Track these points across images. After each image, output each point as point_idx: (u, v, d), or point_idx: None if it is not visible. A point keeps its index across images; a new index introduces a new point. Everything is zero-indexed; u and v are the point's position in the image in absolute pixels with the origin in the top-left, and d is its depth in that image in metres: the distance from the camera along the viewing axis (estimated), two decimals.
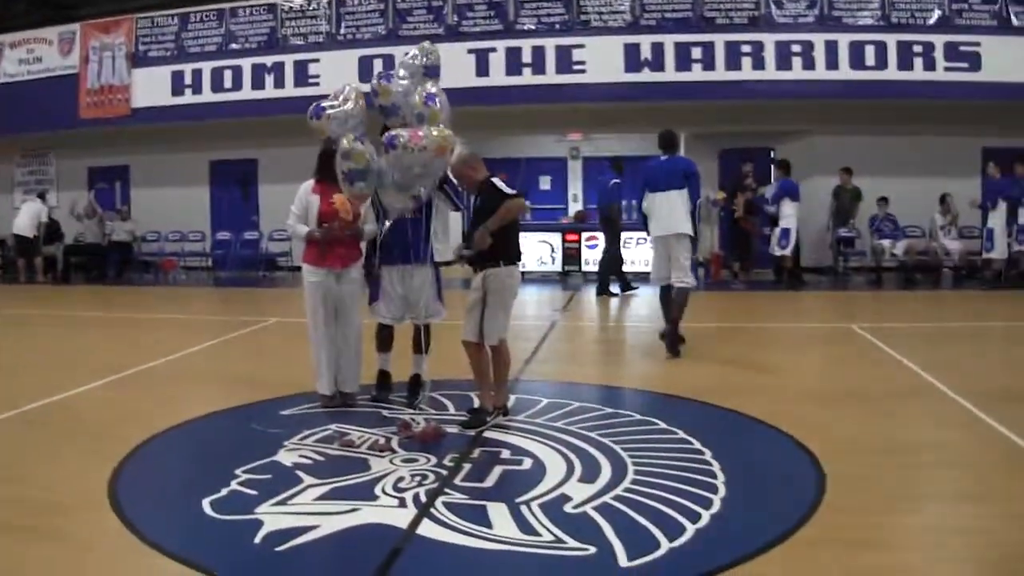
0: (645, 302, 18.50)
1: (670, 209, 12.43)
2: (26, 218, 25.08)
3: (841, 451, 7.53)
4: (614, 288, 19.73)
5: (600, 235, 21.12)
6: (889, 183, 22.23)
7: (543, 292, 21.20)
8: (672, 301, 12.47)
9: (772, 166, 22.56)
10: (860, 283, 22.08)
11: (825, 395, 10.07)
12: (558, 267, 23.37)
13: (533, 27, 22.67)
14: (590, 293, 20.46)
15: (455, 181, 9.14)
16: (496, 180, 8.67)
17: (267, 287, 23.61)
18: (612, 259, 19.97)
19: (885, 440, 8.08)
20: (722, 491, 6.51)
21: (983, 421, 8.58)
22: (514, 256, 8.69)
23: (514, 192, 8.58)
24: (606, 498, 6.37)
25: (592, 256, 22.79)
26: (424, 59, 9.00)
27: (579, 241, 23.11)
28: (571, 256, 23.20)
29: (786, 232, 20.63)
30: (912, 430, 8.56)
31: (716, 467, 7.04)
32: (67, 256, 26.93)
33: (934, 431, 8.46)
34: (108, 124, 25.75)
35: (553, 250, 23.25)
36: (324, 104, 8.67)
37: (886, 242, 21.91)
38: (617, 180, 19.95)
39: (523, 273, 19.74)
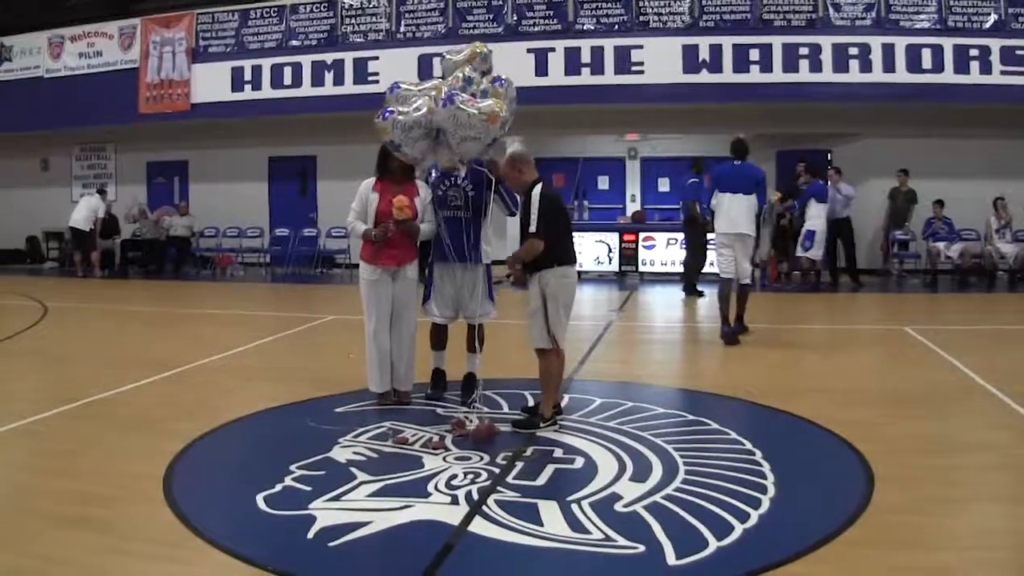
0: (704, 303, 18.64)
1: (737, 210, 13.68)
2: (83, 211, 25.27)
3: (890, 452, 7.62)
4: (701, 287, 19.78)
5: (680, 235, 21.52)
6: (944, 186, 22.29)
7: (600, 292, 21.29)
8: (737, 297, 14.01)
9: (829, 169, 22.57)
10: (915, 285, 22.08)
11: (876, 396, 10.16)
12: (615, 267, 23.47)
13: (592, 27, 22.73)
14: (647, 293, 20.64)
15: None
16: (536, 191, 8.53)
17: (324, 284, 23.75)
18: (695, 260, 20.12)
19: (934, 442, 8.20)
20: (771, 491, 6.61)
21: None
22: (568, 257, 8.63)
23: (532, 228, 8.40)
24: (656, 497, 6.47)
25: (649, 256, 23.02)
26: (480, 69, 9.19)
27: (636, 241, 23.19)
28: (628, 256, 23.27)
29: (811, 234, 20.62)
30: (961, 432, 8.64)
31: (766, 468, 7.13)
32: (124, 250, 27.27)
33: (983, 433, 8.54)
34: (167, 119, 25.90)
35: (610, 250, 23.30)
36: (392, 108, 8.80)
37: (941, 244, 21.93)
38: (695, 179, 20.07)
39: (580, 273, 19.97)
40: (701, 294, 19.49)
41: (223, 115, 25.33)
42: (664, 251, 23.07)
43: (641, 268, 23.34)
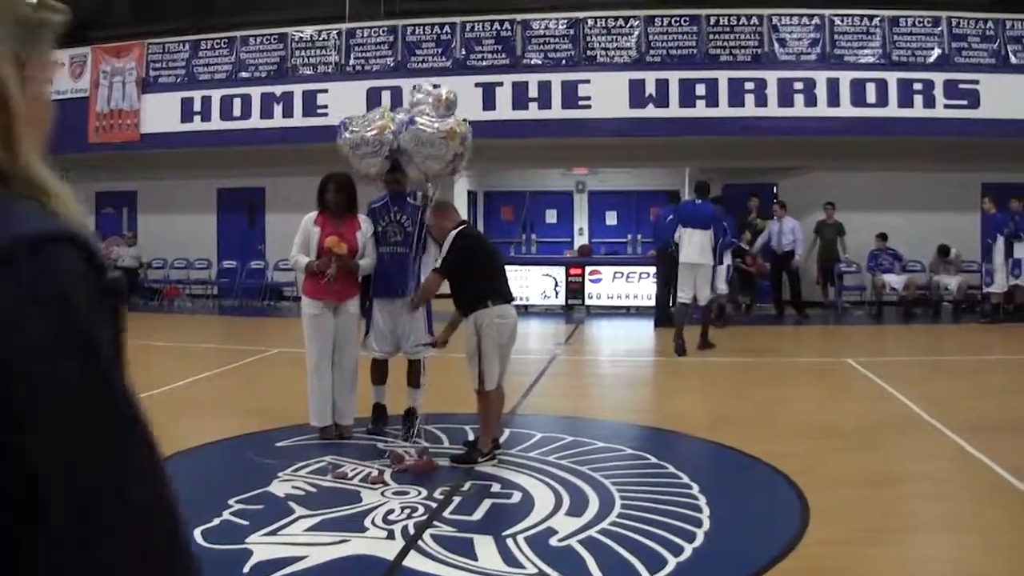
0: (649, 338, 18.74)
1: (696, 243, 15.76)
2: None
3: (827, 484, 7.74)
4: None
5: (652, 268, 21.51)
6: (889, 218, 22.50)
7: (545, 325, 21.36)
8: (703, 318, 16.51)
9: (775, 203, 22.72)
10: (860, 317, 22.28)
11: (815, 428, 10.30)
12: (561, 300, 23.46)
13: (540, 62, 22.80)
14: (593, 327, 20.74)
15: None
16: (452, 236, 8.67)
17: (271, 317, 23.66)
18: (668, 292, 20.01)
19: (871, 473, 8.29)
20: (706, 525, 6.70)
21: (969, 453, 8.81)
22: (499, 296, 8.67)
23: (437, 265, 8.70)
24: (592, 532, 6.55)
25: (596, 290, 23.06)
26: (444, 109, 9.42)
27: (582, 275, 23.18)
28: (574, 290, 23.25)
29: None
30: (898, 463, 8.78)
31: (702, 501, 7.22)
32: None
33: (920, 463, 8.68)
34: (117, 149, 25.74)
35: (557, 284, 23.32)
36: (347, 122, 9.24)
37: (887, 276, 22.10)
38: (672, 216, 20.05)
39: (526, 307, 19.98)
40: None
41: (172, 145, 25.13)
42: (611, 285, 23.10)
43: (588, 302, 23.29)
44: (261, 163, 25.20)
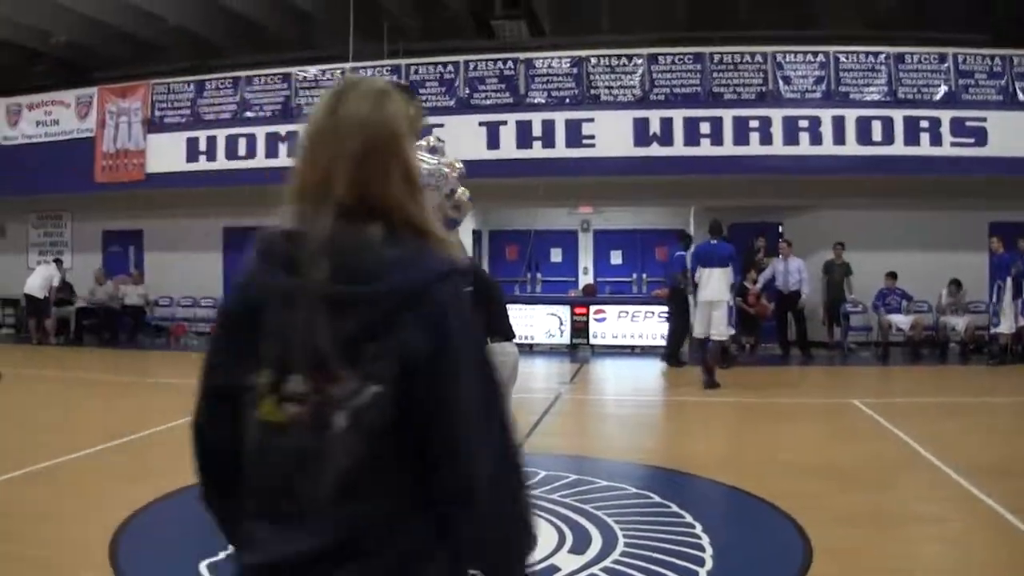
0: (654, 377, 18.65)
1: (715, 281, 16.64)
2: (38, 279, 25.31)
3: (830, 524, 7.69)
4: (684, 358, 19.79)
5: (658, 307, 21.78)
6: (896, 257, 22.31)
7: (550, 365, 21.26)
8: (708, 350, 16.92)
9: (781, 242, 22.54)
10: (866, 358, 22.06)
11: (819, 469, 10.22)
12: (567, 339, 23.38)
13: (544, 100, 22.81)
14: (597, 366, 20.63)
15: None
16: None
17: None
18: (679, 329, 20.03)
19: (875, 513, 8.25)
20: (709, 564, 6.68)
21: (973, 495, 8.71)
22: (499, 332, 8.40)
23: None
24: (594, 569, 6.55)
25: (600, 329, 22.98)
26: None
27: (587, 314, 23.13)
28: (579, 329, 23.19)
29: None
30: (902, 503, 8.74)
31: (705, 540, 7.18)
32: (79, 318, 27.13)
33: (923, 505, 8.65)
34: (123, 188, 25.79)
35: (562, 323, 23.25)
36: None
37: (894, 316, 21.92)
38: (682, 253, 20.17)
39: (531, 346, 19.89)
40: (682, 364, 19.51)
41: (178, 185, 25.20)
42: (616, 324, 23.01)
43: (592, 341, 23.19)
44: (267, 202, 24.84)
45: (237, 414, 2.31)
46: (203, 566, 6.50)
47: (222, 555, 6.65)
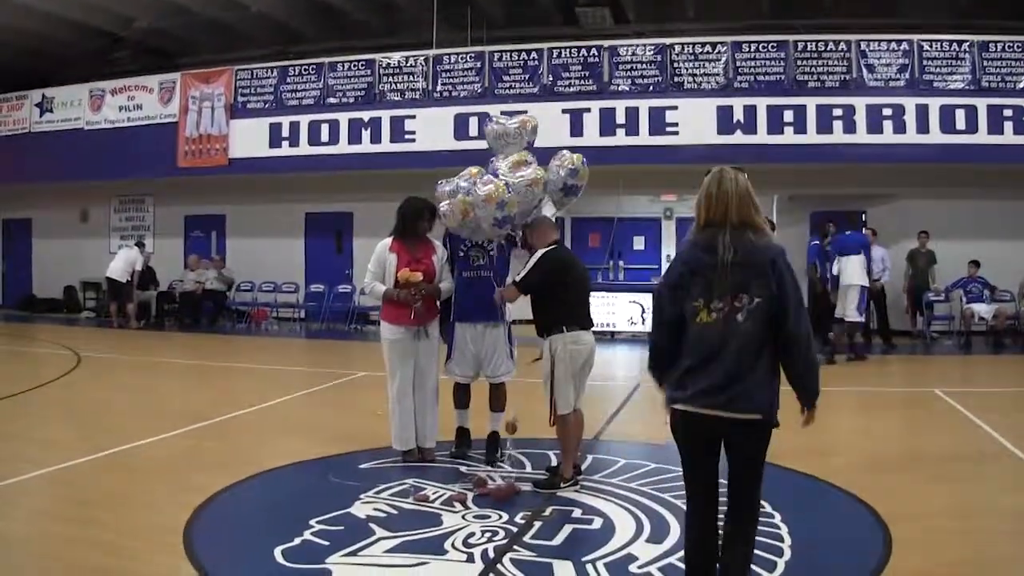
0: None
1: (850, 267, 18.47)
2: (121, 263, 25.48)
3: (910, 515, 7.60)
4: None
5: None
6: (979, 247, 22.17)
7: (632, 352, 21.25)
8: (839, 331, 18.85)
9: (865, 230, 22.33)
10: (948, 347, 21.89)
11: (900, 458, 10.20)
12: (648, 327, 22.89)
13: (627, 88, 22.81)
14: None
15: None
16: (539, 254, 8.69)
17: (358, 340, 23.62)
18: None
19: (956, 505, 8.16)
20: (787, 555, 6.62)
21: None
22: (576, 322, 8.62)
23: (518, 278, 8.73)
24: (672, 559, 6.45)
25: None
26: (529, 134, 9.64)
27: None
28: None
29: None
30: (984, 495, 8.62)
31: (784, 530, 7.11)
32: (160, 302, 27.43)
33: (1006, 496, 8.51)
34: (205, 173, 26.10)
35: (644, 311, 23.04)
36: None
37: (975, 306, 21.81)
38: (816, 243, 20.59)
39: (613, 333, 19.88)
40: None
41: (260, 171, 25.49)
42: None
43: None
44: (349, 188, 25.42)
45: (676, 329, 5.15)
46: (278, 551, 6.55)
47: (297, 540, 6.83)
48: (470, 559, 6.53)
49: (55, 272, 30.33)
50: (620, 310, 23.19)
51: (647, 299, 22.69)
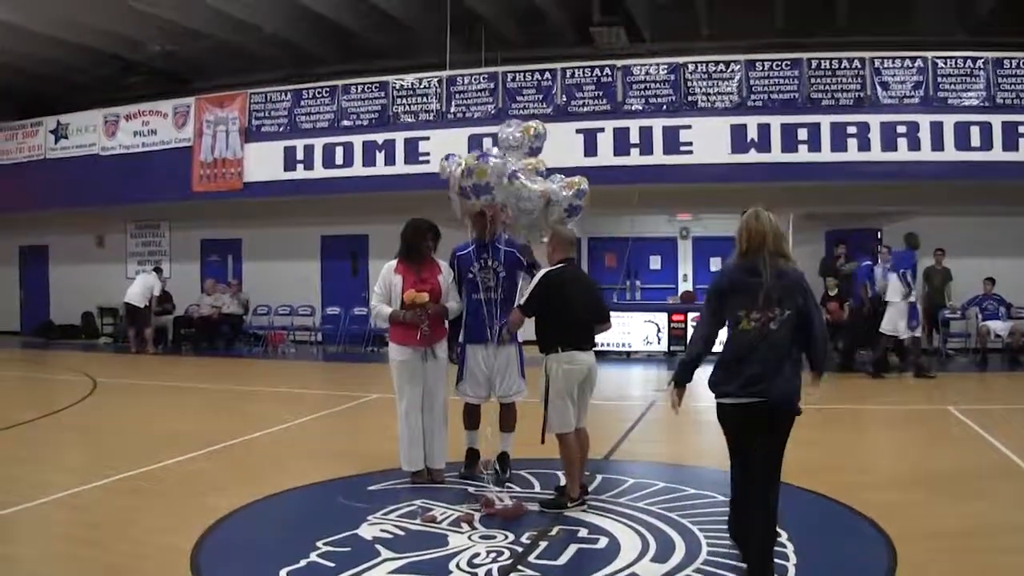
0: None
1: (894, 285, 19.07)
2: (139, 288, 25.55)
3: (919, 536, 7.54)
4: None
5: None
6: (995, 264, 22.15)
7: (647, 372, 21.27)
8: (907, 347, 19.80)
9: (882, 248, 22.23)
10: (963, 364, 21.82)
11: (911, 476, 10.13)
12: (664, 347, 23.24)
13: (641, 107, 22.76)
14: (696, 373, 20.56)
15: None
16: (538, 277, 8.72)
17: (374, 362, 23.33)
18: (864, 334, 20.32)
19: (966, 525, 8.05)
20: (792, 573, 6.62)
21: None
22: (572, 343, 8.59)
23: (521, 302, 8.80)
24: None
25: None
26: (531, 140, 9.58)
27: (685, 321, 22.88)
28: (677, 336, 22.96)
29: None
30: (996, 515, 8.46)
31: (789, 549, 7.10)
32: (177, 327, 27.48)
33: (1019, 516, 8.40)
34: (221, 197, 26.08)
35: (659, 330, 23.12)
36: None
37: (991, 323, 21.71)
38: (868, 264, 20.47)
39: (628, 353, 19.88)
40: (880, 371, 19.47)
41: (276, 194, 25.45)
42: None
43: None
44: (364, 211, 25.41)
45: (717, 328, 6.60)
46: (283, 573, 6.58)
47: (303, 563, 6.84)
48: None
49: (72, 298, 30.40)
50: (635, 330, 23.14)
51: (662, 319, 22.76)
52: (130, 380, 19.81)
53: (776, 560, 6.68)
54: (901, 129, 21.44)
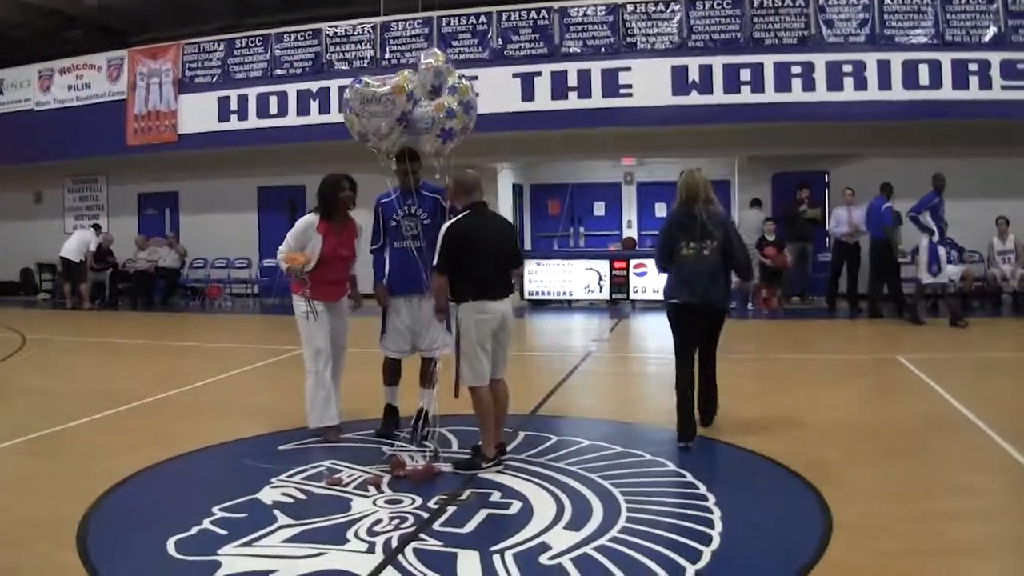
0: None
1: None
2: (75, 243, 25.27)
3: (856, 497, 7.15)
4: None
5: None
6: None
7: (588, 321, 20.83)
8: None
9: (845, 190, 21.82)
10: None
11: (851, 432, 9.66)
12: (605, 295, 22.85)
13: (579, 50, 22.37)
14: (636, 322, 20.15)
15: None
16: (443, 230, 8.24)
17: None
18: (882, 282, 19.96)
19: (906, 485, 7.67)
20: (715, 542, 6.18)
21: (1018, 464, 8.04)
22: (487, 292, 8.20)
23: (435, 264, 8.25)
24: (587, 548, 6.09)
25: (641, 283, 22.52)
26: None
27: (627, 269, 22.56)
28: (619, 284, 22.65)
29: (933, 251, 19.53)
30: (939, 474, 8.05)
31: (716, 515, 6.70)
32: (113, 282, 27.12)
33: (962, 475, 7.95)
34: (156, 150, 25.82)
35: (601, 278, 22.72)
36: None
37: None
38: (890, 205, 19.68)
39: (569, 301, 19.52)
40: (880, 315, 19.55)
41: (210, 145, 25.17)
42: (658, 278, 22.27)
43: (633, 296, 22.68)
44: (300, 161, 24.88)
45: (669, 254, 9.23)
46: (171, 542, 6.21)
47: (194, 530, 6.51)
48: (371, 549, 6.15)
49: (10, 255, 29.98)
50: (576, 278, 22.78)
51: (604, 266, 22.37)
52: (61, 336, 19.52)
53: (699, 527, 6.47)
54: (847, 68, 21.19)
